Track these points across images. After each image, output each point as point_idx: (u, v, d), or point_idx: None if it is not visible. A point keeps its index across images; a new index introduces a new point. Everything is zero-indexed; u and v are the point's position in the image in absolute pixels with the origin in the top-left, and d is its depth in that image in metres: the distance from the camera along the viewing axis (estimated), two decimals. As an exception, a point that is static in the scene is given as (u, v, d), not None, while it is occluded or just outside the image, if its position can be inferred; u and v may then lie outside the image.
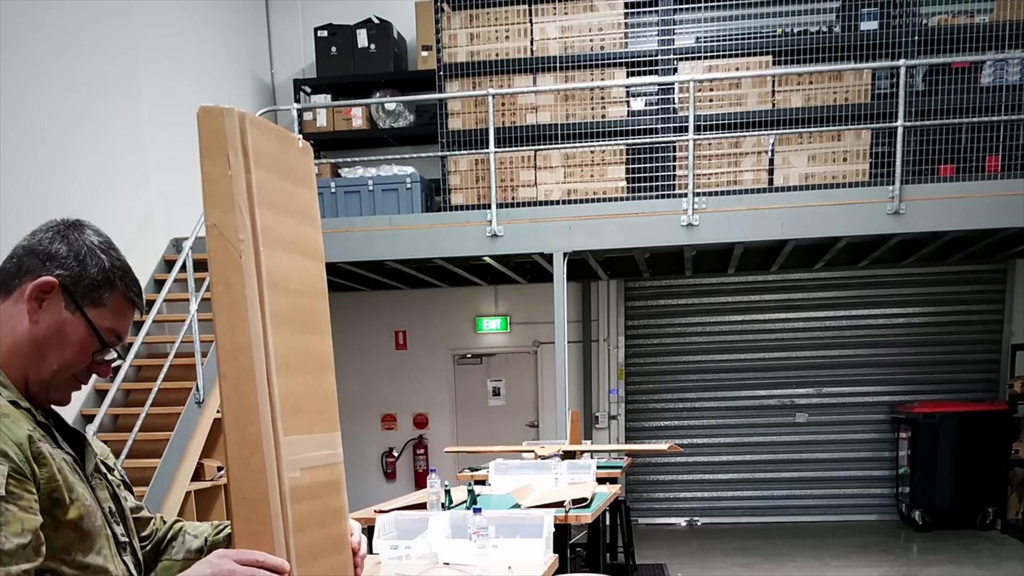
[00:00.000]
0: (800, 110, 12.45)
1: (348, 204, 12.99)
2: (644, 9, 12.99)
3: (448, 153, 13.06)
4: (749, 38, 12.70)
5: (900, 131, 11.42)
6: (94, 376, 2.49)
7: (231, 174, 2.20)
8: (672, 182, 12.59)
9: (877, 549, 13.64)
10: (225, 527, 2.80)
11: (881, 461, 15.94)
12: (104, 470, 2.56)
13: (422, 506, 7.23)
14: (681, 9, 13.02)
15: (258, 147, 2.27)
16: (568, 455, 10.32)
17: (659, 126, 12.85)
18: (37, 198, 9.40)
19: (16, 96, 9.42)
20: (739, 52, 12.72)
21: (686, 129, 12.01)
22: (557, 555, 5.82)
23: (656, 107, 12.99)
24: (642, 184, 12.65)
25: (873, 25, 12.39)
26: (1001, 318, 15.42)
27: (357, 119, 14.72)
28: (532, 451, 10.67)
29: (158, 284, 11.44)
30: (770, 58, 12.66)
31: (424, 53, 14.55)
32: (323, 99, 14.73)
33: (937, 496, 14.45)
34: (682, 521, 16.44)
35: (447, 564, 5.34)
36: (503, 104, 13.03)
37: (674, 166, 12.66)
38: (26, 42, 9.62)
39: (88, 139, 10.69)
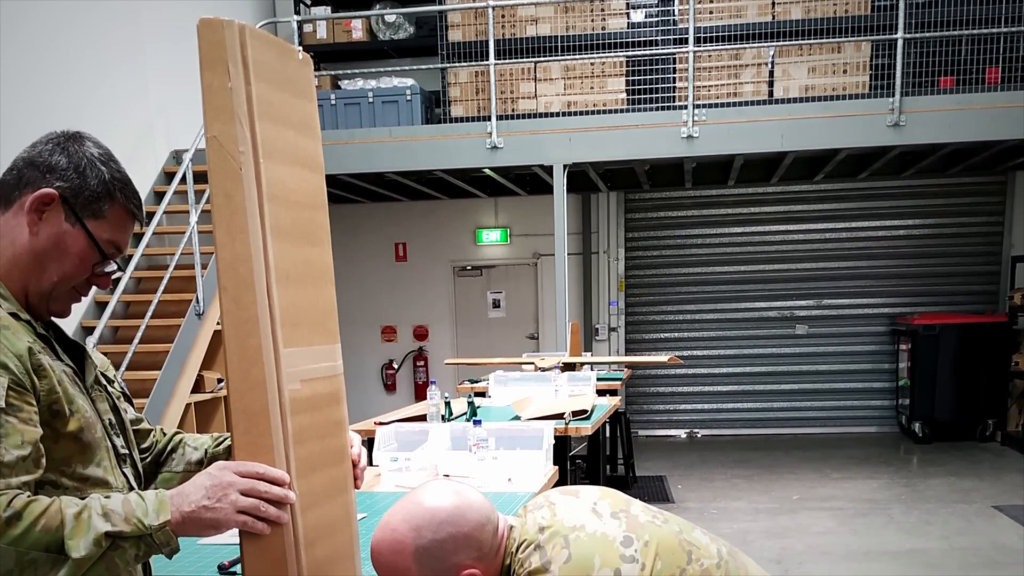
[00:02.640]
0: (800, 22, 12.35)
1: (348, 116, 12.96)
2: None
3: (448, 65, 13.01)
4: (750, -52, 12.60)
5: (900, 43, 11.36)
6: (94, 288, 2.50)
7: (231, 86, 2.19)
8: (672, 94, 12.53)
9: (877, 460, 13.73)
10: (225, 439, 2.80)
11: (881, 373, 16.01)
12: (104, 382, 2.57)
13: (422, 418, 7.26)
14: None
15: (258, 59, 2.26)
16: (568, 367, 10.36)
17: (659, 38, 12.78)
18: (36, 110, 9.34)
19: (15, 8, 9.35)
20: (740, -38, 12.62)
21: (686, 41, 11.96)
22: (557, 467, 5.85)
23: (656, 19, 12.91)
24: (642, 96, 12.59)
25: (875, -65, 12.31)
26: (1001, 230, 15.42)
27: (357, 31, 14.61)
28: (532, 363, 10.72)
29: (158, 196, 11.39)
30: (771, -32, 12.58)
31: (424, -37, 14.45)
32: (323, 11, 14.58)
33: (937, 408, 14.53)
34: (682, 433, 16.54)
35: (447, 476, 5.37)
36: (503, 16, 12.93)
37: (674, 78, 12.59)
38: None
39: (88, 51, 10.61)
